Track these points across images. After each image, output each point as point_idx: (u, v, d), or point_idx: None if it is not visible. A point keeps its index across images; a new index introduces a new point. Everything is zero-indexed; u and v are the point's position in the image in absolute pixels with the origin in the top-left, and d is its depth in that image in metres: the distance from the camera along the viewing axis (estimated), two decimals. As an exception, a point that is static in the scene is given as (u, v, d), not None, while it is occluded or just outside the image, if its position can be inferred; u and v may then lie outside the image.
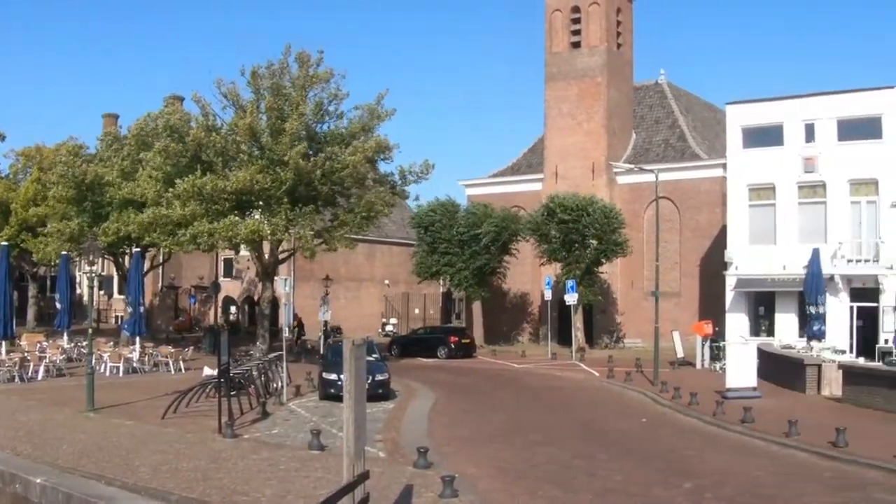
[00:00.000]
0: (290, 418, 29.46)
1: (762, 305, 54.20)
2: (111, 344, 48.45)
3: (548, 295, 59.52)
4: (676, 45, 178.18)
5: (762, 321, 54.06)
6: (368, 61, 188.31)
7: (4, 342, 42.46)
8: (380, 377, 34.17)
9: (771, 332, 52.01)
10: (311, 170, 44.11)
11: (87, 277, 33.08)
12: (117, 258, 62.62)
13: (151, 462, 20.83)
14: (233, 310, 79.47)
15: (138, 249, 49.34)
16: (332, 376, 32.61)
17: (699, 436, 27.15)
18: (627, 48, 71.08)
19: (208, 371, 35.78)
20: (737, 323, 53.37)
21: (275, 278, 47.58)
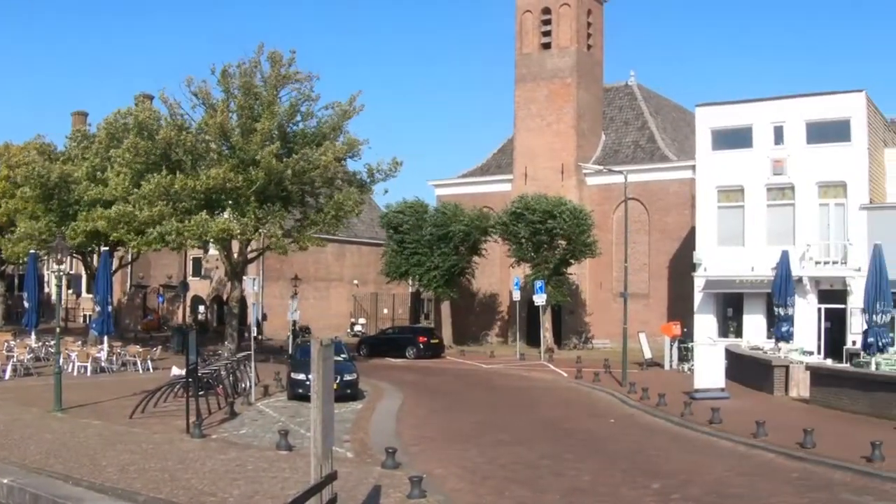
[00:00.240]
0: (258, 418, 29.38)
1: (730, 307, 54.43)
2: (79, 343, 48.18)
3: (516, 295, 59.54)
4: (647, 46, 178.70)
5: (730, 322, 54.29)
6: (338, 60, 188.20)
7: (-28, 341, 42.22)
8: (348, 377, 34.15)
9: (739, 334, 52.24)
10: (283, 170, 43.96)
11: (56, 276, 32.99)
12: (86, 257, 62.20)
13: (119, 462, 20.76)
14: (201, 309, 79.20)
15: (106, 248, 48.93)
16: (301, 376, 32.56)
17: (667, 436, 27.23)
18: (598, 49, 71.21)
19: (176, 371, 35.74)
20: (705, 324, 53.53)
21: (244, 278, 47.39)
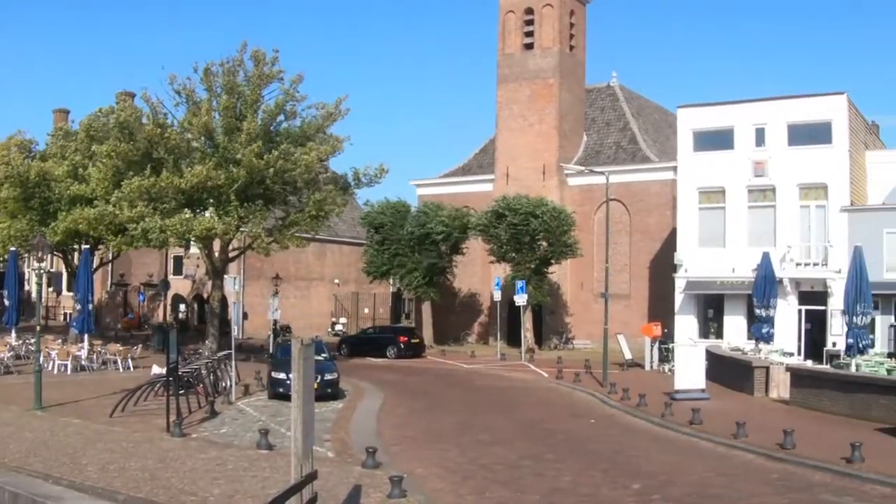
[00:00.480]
0: (238, 417, 29.34)
1: (711, 308, 54.58)
2: (60, 341, 48.12)
3: (497, 295, 59.45)
4: (629, 48, 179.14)
5: (711, 323, 54.44)
6: (321, 59, 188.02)
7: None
8: (329, 377, 34.11)
9: (720, 335, 52.42)
10: (264, 168, 43.82)
11: (36, 274, 32.83)
12: (66, 255, 62.01)
13: (99, 461, 20.72)
14: (182, 308, 79.04)
15: (87, 246, 48.78)
16: (281, 375, 32.57)
17: (647, 437, 27.24)
18: (580, 50, 71.29)
19: (157, 369, 35.63)
20: (686, 325, 53.66)
21: (224, 276, 47.25)
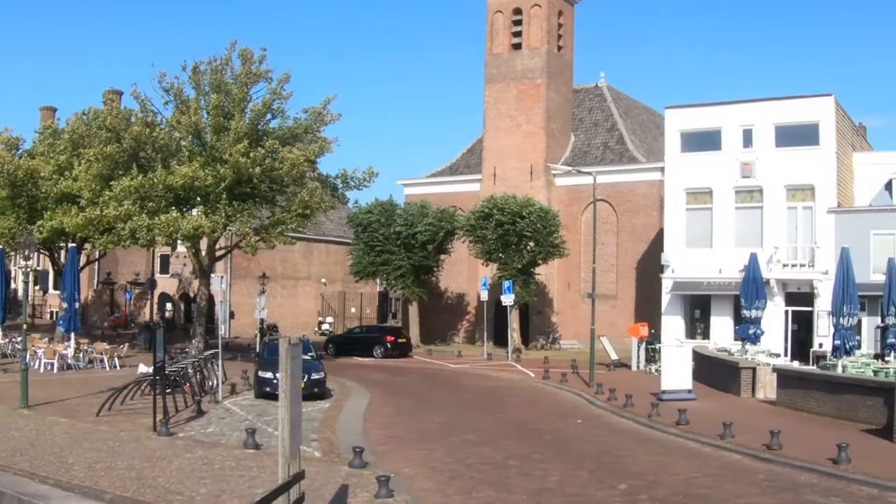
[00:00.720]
0: (225, 417, 29.29)
1: (698, 308, 54.60)
2: (46, 340, 48.00)
3: (484, 295, 59.39)
4: (617, 48, 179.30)
5: (698, 324, 54.47)
6: (309, 59, 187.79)
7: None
8: (315, 376, 34.08)
9: (706, 335, 52.43)
10: (251, 167, 43.71)
11: (23, 272, 32.77)
12: (53, 253, 61.89)
13: (85, 460, 20.71)
14: (169, 307, 78.88)
15: (74, 245, 48.64)
16: (268, 375, 32.61)
17: (634, 437, 27.25)
18: (568, 51, 71.29)
19: (143, 368, 35.58)
20: (672, 325, 53.65)
21: (211, 275, 47.14)
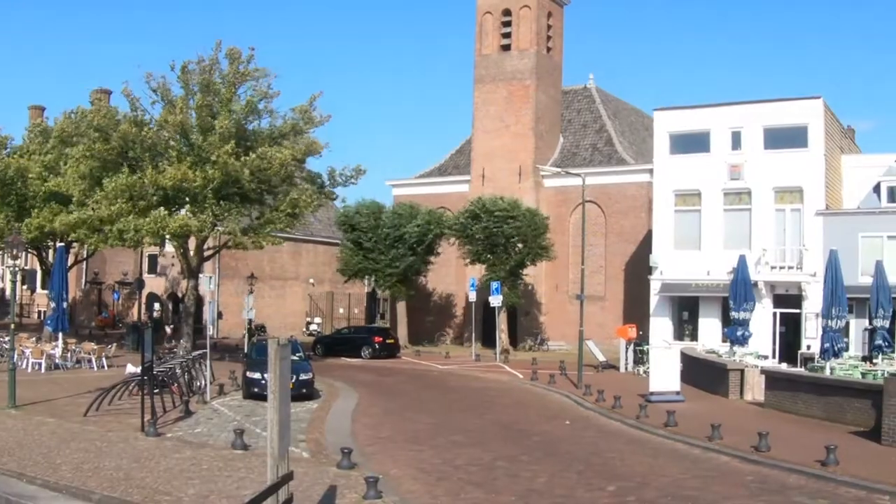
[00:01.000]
0: (213, 417, 29.23)
1: (686, 310, 54.63)
2: (34, 339, 47.86)
3: (472, 296, 59.34)
4: (606, 50, 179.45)
5: (686, 326, 54.49)
6: (297, 59, 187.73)
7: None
8: (304, 377, 34.04)
9: (695, 337, 52.47)
10: (240, 169, 43.61)
11: (11, 272, 32.69)
12: (41, 252, 61.80)
13: (73, 460, 20.67)
14: (157, 306, 78.68)
15: (62, 244, 48.52)
16: (256, 375, 32.58)
17: (622, 438, 27.24)
18: (557, 52, 71.34)
19: (131, 368, 35.49)
20: (661, 327, 53.67)
21: (200, 275, 47.02)
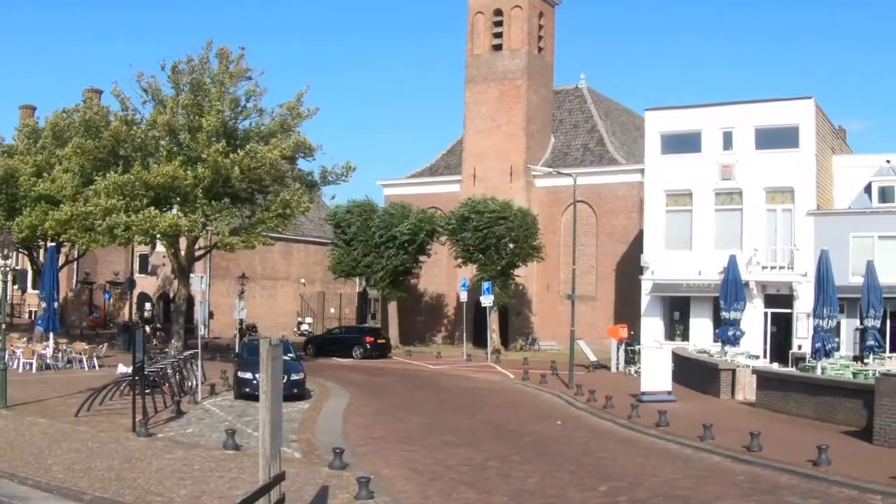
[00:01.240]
0: (204, 417, 29.18)
1: (677, 310, 54.69)
2: (25, 339, 47.72)
3: (463, 296, 59.27)
4: (598, 50, 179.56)
5: (677, 326, 54.54)
6: (287, 60, 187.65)
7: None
8: (295, 377, 33.93)
9: (686, 337, 52.54)
10: (230, 167, 43.57)
11: (1, 272, 32.58)
12: (32, 252, 61.70)
13: (65, 461, 20.63)
14: (148, 306, 78.59)
15: (53, 244, 48.45)
16: (248, 375, 32.53)
17: (614, 438, 27.22)
18: (548, 52, 71.37)
19: (122, 368, 35.43)
20: (652, 327, 53.78)
21: (191, 275, 46.95)
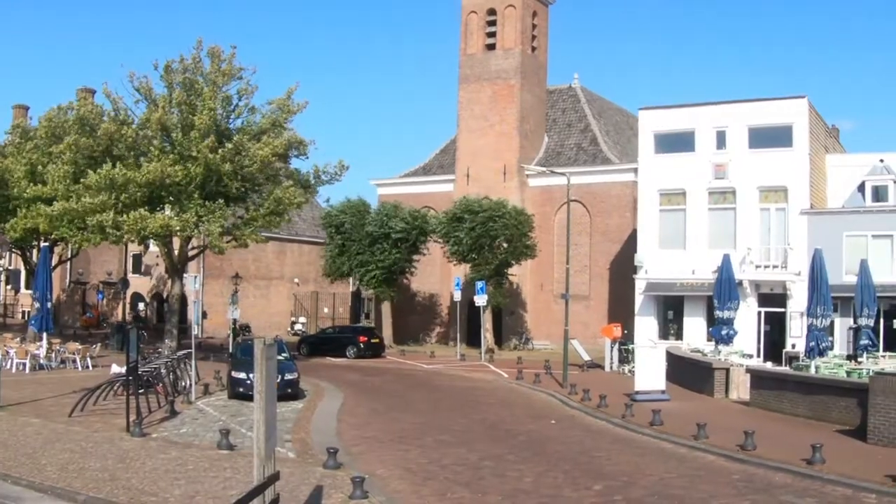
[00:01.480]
0: (198, 417, 29.12)
1: (671, 309, 54.73)
2: (18, 340, 47.62)
3: (457, 296, 59.25)
4: (591, 50, 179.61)
5: (671, 325, 54.59)
6: (280, 59, 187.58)
7: None
8: (289, 376, 33.93)
9: (680, 336, 52.58)
10: (220, 162, 43.48)
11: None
12: (25, 252, 61.62)
13: (58, 461, 20.57)
14: (141, 306, 78.49)
15: (46, 244, 48.33)
16: (241, 375, 32.45)
17: (608, 438, 27.22)
18: (542, 52, 71.37)
19: (116, 368, 35.37)
20: (646, 326, 53.81)
21: (184, 275, 46.87)
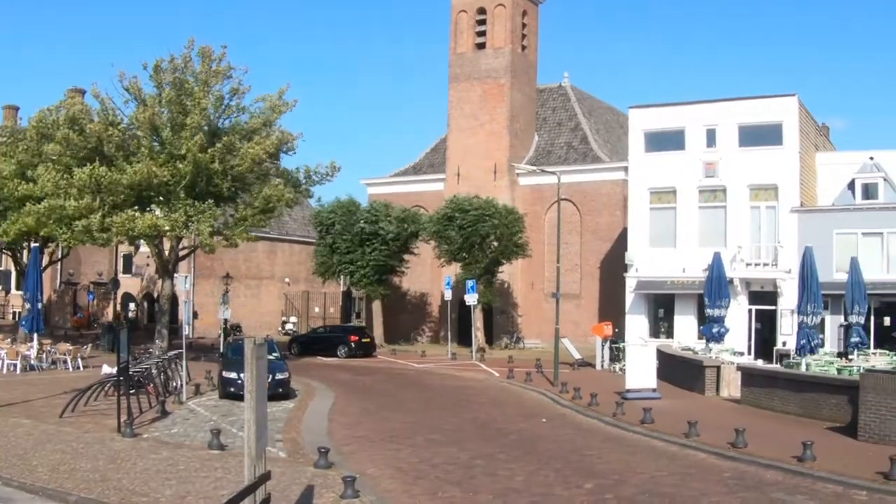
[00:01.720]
0: (189, 417, 29.10)
1: (662, 307, 54.74)
2: (9, 341, 47.53)
3: (448, 295, 59.32)
4: (581, 48, 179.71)
5: (662, 323, 54.60)
6: (271, 58, 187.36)
7: None
8: (280, 376, 33.91)
9: (670, 334, 52.56)
10: (209, 161, 43.41)
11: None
12: (15, 253, 61.50)
13: (49, 462, 20.57)
14: (132, 306, 78.35)
15: (37, 244, 48.19)
16: (232, 375, 32.42)
17: (599, 436, 27.24)
18: (532, 51, 71.38)
19: (107, 369, 35.33)
20: (636, 324, 53.79)
21: (175, 275, 46.78)
